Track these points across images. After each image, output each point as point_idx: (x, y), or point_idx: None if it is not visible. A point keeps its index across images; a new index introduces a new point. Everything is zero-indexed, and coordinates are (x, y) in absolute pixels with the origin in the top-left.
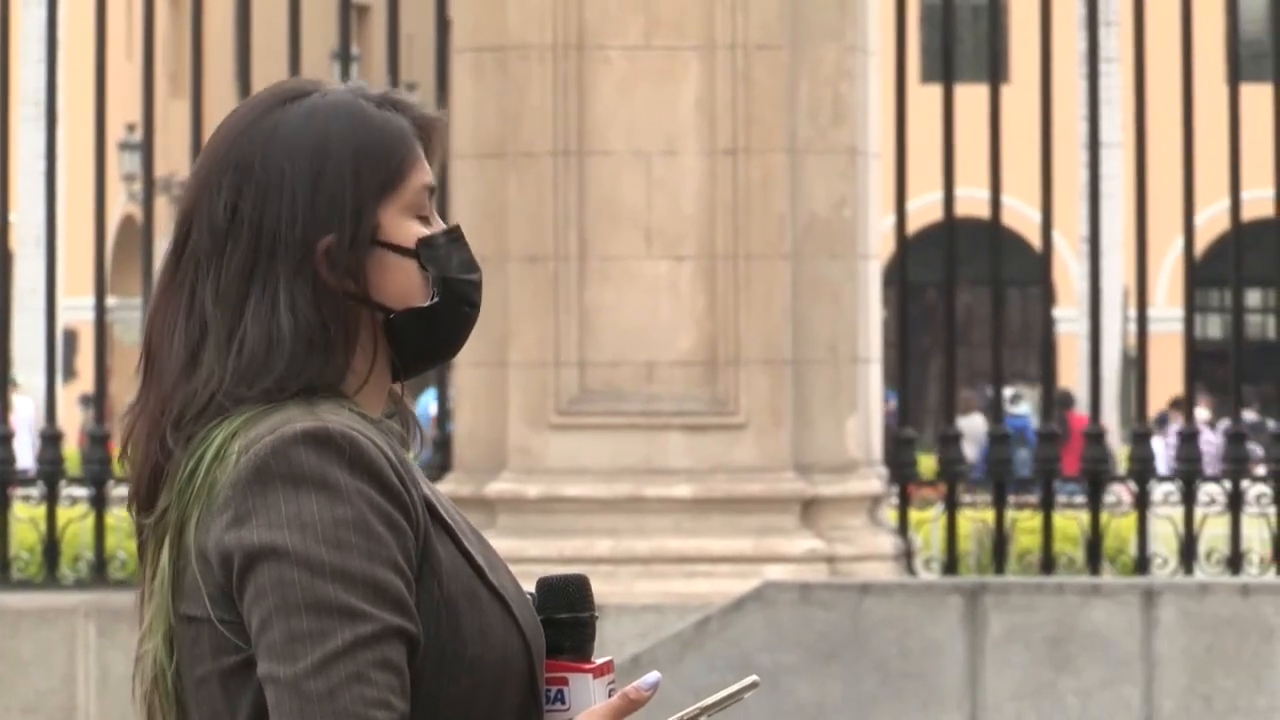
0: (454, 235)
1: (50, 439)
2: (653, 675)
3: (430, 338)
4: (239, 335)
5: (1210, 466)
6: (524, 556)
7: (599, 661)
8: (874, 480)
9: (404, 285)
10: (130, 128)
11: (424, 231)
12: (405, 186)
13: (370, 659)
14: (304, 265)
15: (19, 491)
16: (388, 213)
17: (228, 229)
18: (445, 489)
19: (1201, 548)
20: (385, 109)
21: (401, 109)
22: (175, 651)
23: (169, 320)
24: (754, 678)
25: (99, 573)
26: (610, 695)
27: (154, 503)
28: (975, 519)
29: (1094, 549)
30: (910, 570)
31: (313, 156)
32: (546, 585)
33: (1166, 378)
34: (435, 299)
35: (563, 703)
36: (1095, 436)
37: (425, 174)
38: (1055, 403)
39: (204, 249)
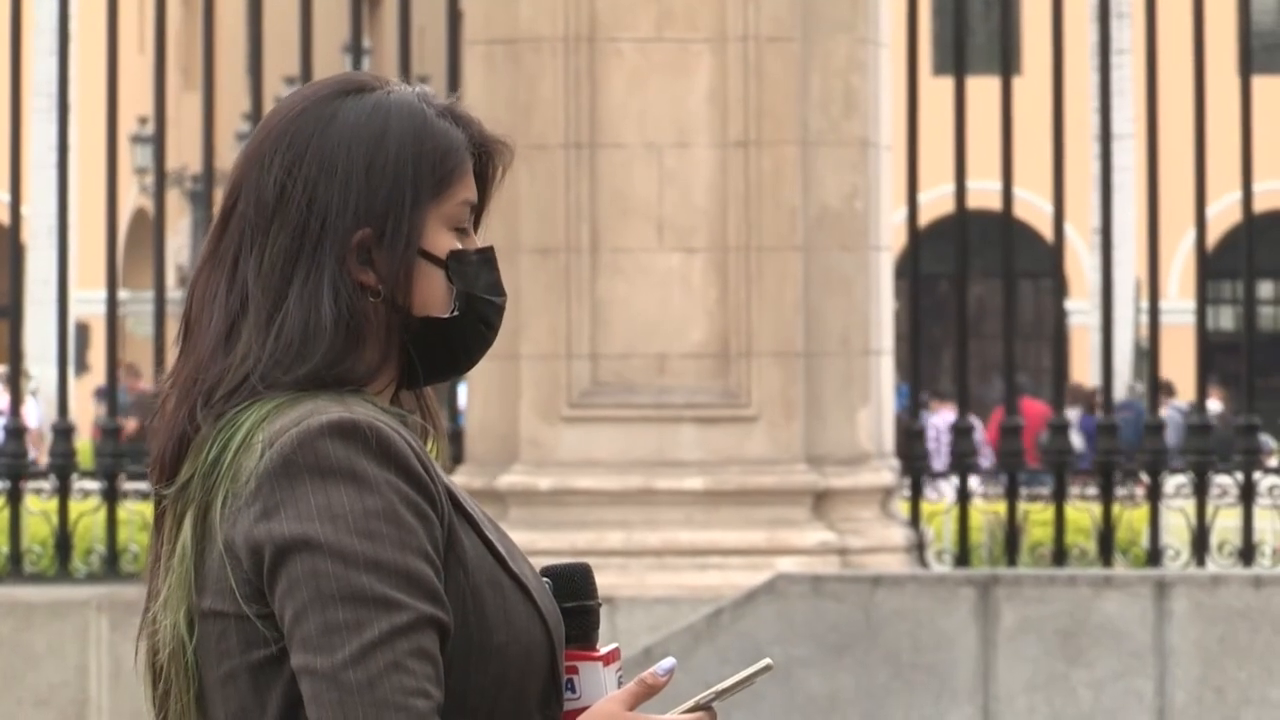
0: (486, 255)
1: (62, 432)
2: (668, 661)
3: (443, 350)
4: (279, 318)
5: (938, 463)
6: (535, 549)
7: (606, 650)
8: (886, 472)
9: (428, 293)
10: (142, 121)
11: (457, 245)
12: (449, 197)
13: (407, 648)
14: (346, 255)
15: (31, 485)
16: (428, 220)
17: (275, 206)
18: (457, 482)
19: (1214, 540)
20: (445, 119)
21: (462, 123)
22: (195, 639)
23: (210, 290)
24: (767, 660)
25: (111, 566)
26: (620, 683)
27: (176, 473)
28: (987, 511)
29: (1106, 541)
30: (922, 562)
31: (370, 149)
32: (551, 573)
33: (1179, 370)
34: (455, 313)
35: (573, 691)
36: (1108, 428)
37: (469, 189)
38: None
39: (250, 222)
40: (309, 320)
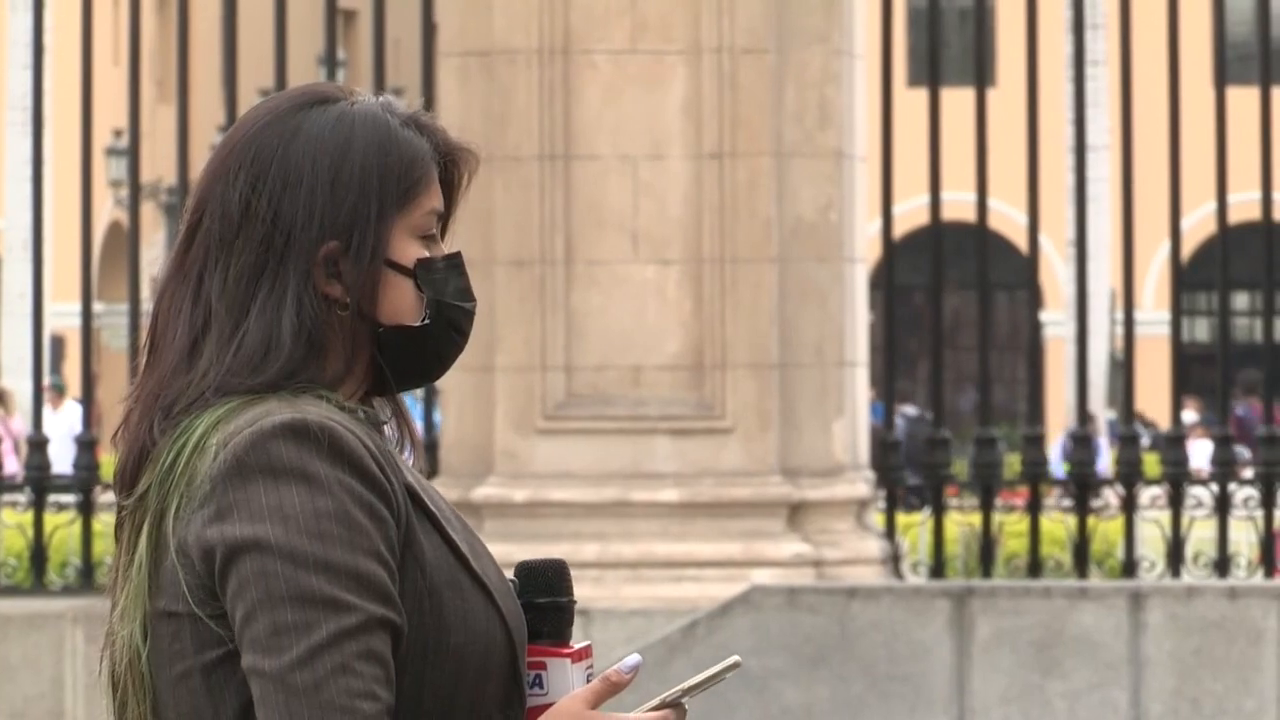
0: (454, 262)
1: (37, 445)
2: (633, 658)
3: (415, 358)
4: (241, 334)
5: None
6: (511, 561)
7: (577, 646)
8: (861, 484)
9: (398, 303)
10: (117, 133)
11: (424, 253)
12: (415, 207)
13: (355, 650)
14: (312, 268)
15: (6, 497)
16: (395, 230)
17: (240, 222)
18: None
19: (1189, 551)
20: (409, 129)
21: (426, 132)
22: (149, 643)
23: (175, 306)
24: (735, 658)
25: (86, 578)
26: (589, 680)
27: (136, 484)
28: (962, 523)
29: (1081, 552)
30: (897, 574)
31: (335, 161)
32: (526, 569)
33: (1154, 381)
34: (426, 321)
35: (541, 687)
36: (1082, 439)
37: (435, 198)
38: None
39: (214, 238)
40: (270, 336)
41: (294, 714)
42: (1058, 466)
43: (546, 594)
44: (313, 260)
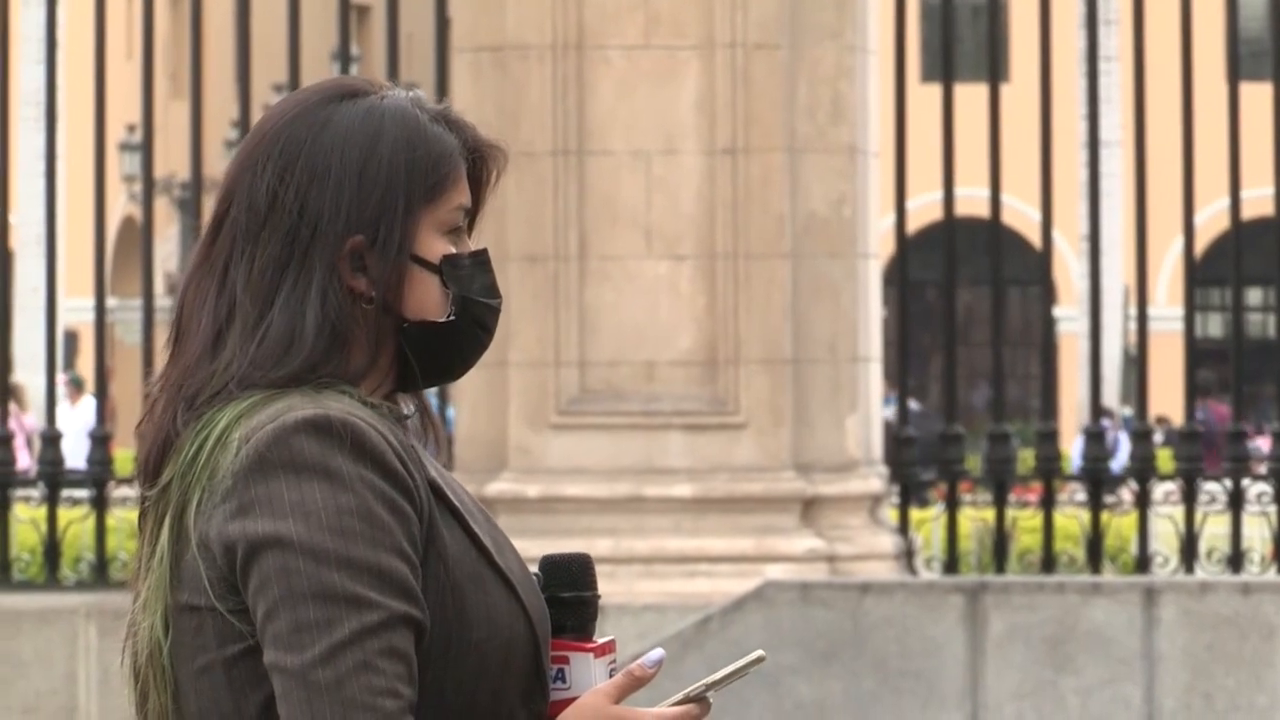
0: (480, 259)
1: (50, 440)
2: (657, 652)
3: (439, 355)
4: (264, 325)
5: None
6: (524, 557)
7: (601, 641)
8: (874, 479)
9: (423, 298)
10: (130, 128)
11: (450, 249)
12: (443, 202)
13: (377, 647)
14: (337, 262)
15: (20, 492)
16: (422, 225)
17: (267, 213)
18: None
19: (1202, 546)
20: (439, 124)
21: (455, 128)
22: (171, 635)
23: (200, 295)
24: (760, 653)
25: (100, 574)
26: (611, 675)
27: (159, 475)
28: (976, 518)
29: (1095, 548)
30: (911, 569)
31: (363, 155)
32: (551, 563)
33: (1167, 377)
34: (452, 317)
35: (563, 681)
36: (1095, 435)
37: (463, 194)
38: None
39: (241, 228)
40: (294, 328)
41: (316, 711)
42: (1078, 463)
43: (571, 588)
44: (338, 253)
